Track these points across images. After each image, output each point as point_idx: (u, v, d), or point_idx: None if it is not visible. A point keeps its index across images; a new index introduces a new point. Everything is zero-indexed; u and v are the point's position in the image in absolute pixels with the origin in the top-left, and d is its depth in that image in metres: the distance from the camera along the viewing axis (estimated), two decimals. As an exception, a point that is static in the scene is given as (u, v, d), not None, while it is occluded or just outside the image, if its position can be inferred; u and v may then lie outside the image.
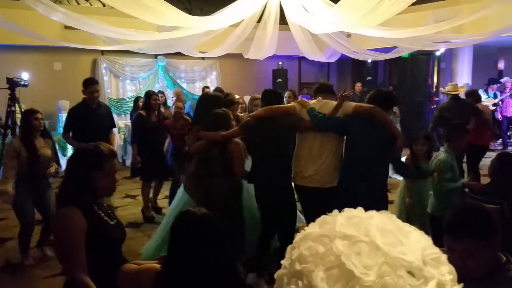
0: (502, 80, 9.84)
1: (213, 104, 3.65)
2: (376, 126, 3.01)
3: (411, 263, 0.67)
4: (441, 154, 3.32)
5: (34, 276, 3.71)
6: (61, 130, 8.53)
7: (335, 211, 0.79)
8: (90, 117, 4.48)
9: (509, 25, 5.35)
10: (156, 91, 6.96)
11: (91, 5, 8.42)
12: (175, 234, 1.58)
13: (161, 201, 5.71)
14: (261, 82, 11.06)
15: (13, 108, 6.02)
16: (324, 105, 3.21)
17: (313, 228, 0.77)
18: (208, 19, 5.51)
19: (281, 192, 3.29)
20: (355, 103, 3.27)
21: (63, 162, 5.72)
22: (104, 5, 7.64)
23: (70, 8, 7.45)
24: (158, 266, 1.57)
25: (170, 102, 7.84)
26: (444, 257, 0.72)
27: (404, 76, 10.64)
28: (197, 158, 3.41)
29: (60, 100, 8.41)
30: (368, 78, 11.58)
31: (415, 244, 0.70)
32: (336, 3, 4.81)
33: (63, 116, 8.30)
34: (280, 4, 5.47)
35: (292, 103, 3.47)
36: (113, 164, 1.86)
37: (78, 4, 8.47)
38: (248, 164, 3.63)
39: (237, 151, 3.27)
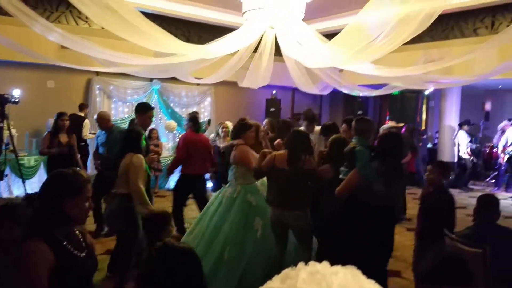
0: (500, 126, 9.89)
1: (303, 138, 3.95)
2: None
3: None
4: None
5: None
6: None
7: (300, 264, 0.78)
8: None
9: (496, 69, 5.53)
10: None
11: (89, 26, 8.51)
12: (155, 264, 1.53)
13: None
14: (255, 110, 11.16)
15: (1, 125, 5.95)
16: None
17: (275, 283, 0.76)
18: (204, 47, 5.59)
19: None
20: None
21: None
22: (102, 27, 7.72)
23: (69, 28, 7.53)
24: None
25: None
26: None
27: (394, 112, 10.86)
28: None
29: (50, 118, 8.35)
30: (358, 112, 11.73)
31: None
32: (330, 39, 4.93)
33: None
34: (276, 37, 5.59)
35: None
36: (90, 189, 1.81)
37: (77, 24, 8.56)
38: None
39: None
